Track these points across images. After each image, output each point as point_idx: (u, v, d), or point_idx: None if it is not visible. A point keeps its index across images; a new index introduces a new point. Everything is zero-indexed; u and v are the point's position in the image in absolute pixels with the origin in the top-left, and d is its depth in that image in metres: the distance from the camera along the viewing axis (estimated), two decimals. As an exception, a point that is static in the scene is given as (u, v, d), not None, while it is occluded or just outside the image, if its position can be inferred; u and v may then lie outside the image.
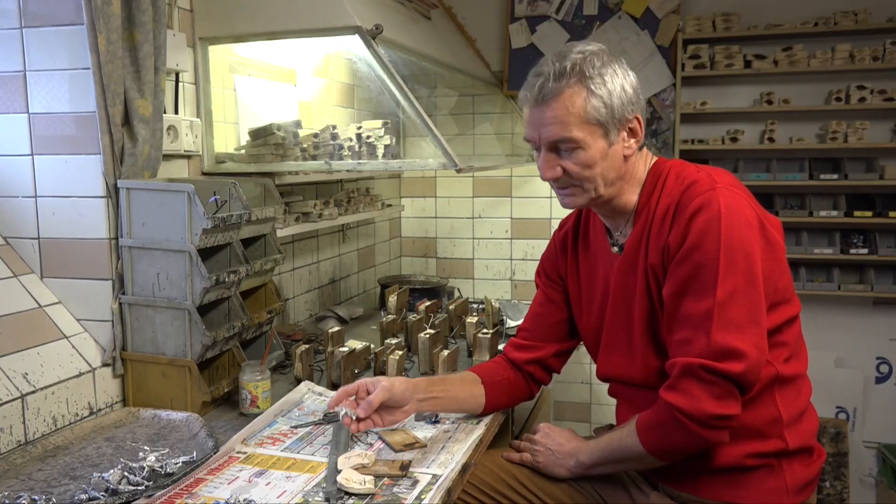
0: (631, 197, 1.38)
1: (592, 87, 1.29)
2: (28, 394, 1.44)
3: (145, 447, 1.40)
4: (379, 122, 2.22)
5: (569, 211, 1.62)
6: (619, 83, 1.31)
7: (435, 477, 1.28)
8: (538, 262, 1.66)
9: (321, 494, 1.21)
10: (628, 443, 1.32)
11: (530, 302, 1.65)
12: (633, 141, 1.35)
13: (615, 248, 1.43)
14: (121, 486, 1.21)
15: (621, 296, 1.40)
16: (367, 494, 1.19)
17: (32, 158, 1.64)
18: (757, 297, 1.22)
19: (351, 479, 1.21)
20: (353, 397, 1.39)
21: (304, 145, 2.15)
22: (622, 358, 1.42)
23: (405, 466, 1.30)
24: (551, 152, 1.33)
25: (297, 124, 2.16)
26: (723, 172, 1.35)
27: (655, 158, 1.41)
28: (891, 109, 2.92)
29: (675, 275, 1.26)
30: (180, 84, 1.90)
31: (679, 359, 1.23)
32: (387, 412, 1.39)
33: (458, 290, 3.15)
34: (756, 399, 1.29)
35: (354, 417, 1.36)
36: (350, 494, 1.20)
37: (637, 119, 1.34)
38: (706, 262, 1.21)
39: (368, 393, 1.37)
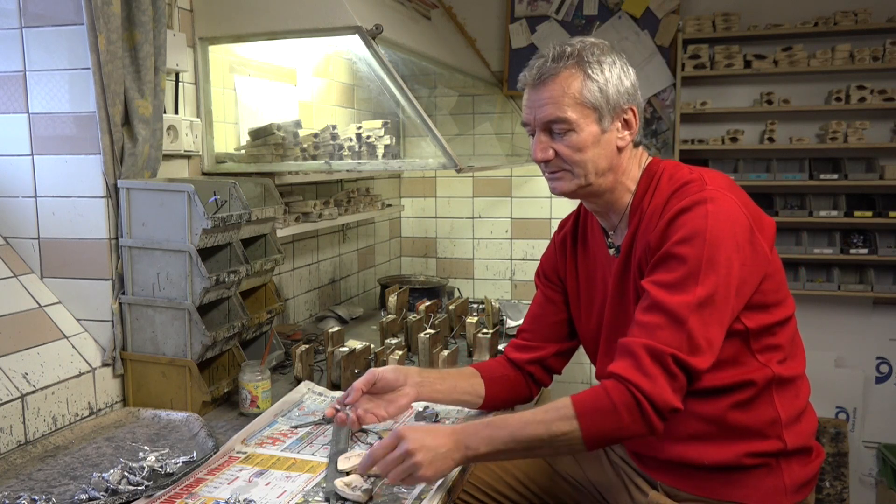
0: (625, 194, 1.38)
1: (590, 72, 1.30)
2: (28, 394, 1.44)
3: (145, 447, 1.40)
4: (379, 122, 2.22)
5: (568, 211, 1.62)
6: (616, 73, 1.32)
7: (435, 477, 1.28)
8: (538, 263, 1.66)
9: (321, 494, 1.21)
10: (554, 429, 1.20)
11: (530, 302, 1.65)
12: (626, 133, 1.35)
13: (612, 250, 1.43)
14: (121, 486, 1.21)
15: (619, 298, 1.39)
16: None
17: (32, 158, 1.64)
18: (729, 302, 1.22)
19: (346, 483, 1.21)
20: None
21: (304, 145, 2.15)
22: None
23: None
24: (545, 133, 1.34)
25: (297, 124, 2.16)
26: (716, 175, 1.33)
27: (650, 158, 1.41)
28: (891, 109, 2.92)
29: (656, 265, 1.26)
30: (180, 84, 1.90)
31: (645, 340, 1.20)
32: (386, 402, 1.40)
33: (458, 290, 3.15)
34: (754, 400, 1.29)
35: (349, 413, 1.37)
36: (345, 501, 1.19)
37: (632, 111, 1.35)
38: (690, 257, 1.21)
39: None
